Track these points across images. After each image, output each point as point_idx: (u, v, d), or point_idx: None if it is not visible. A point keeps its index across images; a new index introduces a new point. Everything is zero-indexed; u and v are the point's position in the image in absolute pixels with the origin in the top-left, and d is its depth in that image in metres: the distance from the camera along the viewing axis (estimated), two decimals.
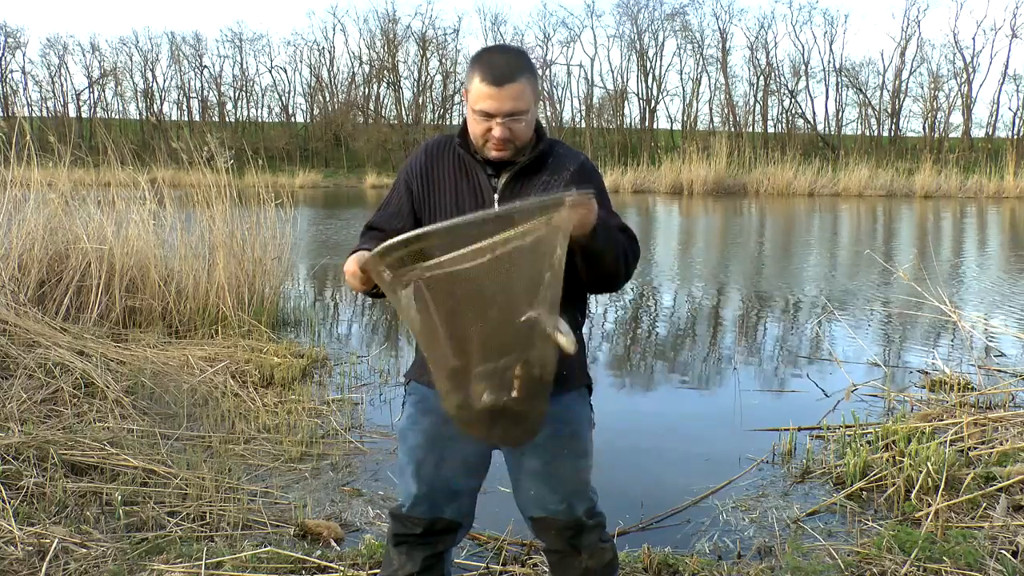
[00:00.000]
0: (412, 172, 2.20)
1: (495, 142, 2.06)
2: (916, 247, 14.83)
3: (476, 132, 2.08)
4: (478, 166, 2.14)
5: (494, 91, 2.00)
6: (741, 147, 35.33)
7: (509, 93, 2.01)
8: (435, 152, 2.20)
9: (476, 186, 2.14)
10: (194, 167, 7.65)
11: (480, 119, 2.05)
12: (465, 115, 2.14)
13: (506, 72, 2.01)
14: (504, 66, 2.01)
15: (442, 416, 2.17)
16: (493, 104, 2.01)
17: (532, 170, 2.14)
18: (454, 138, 2.18)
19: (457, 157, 2.17)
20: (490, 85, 2.00)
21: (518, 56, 2.07)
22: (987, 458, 4.00)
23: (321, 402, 5.22)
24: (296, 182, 32.85)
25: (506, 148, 2.07)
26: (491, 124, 2.04)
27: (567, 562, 2.28)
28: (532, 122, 2.10)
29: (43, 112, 45.07)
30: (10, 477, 3.55)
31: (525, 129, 2.08)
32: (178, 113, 48.97)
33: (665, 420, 5.27)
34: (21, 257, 6.48)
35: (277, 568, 3.03)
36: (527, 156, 2.12)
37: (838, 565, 3.08)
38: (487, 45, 2.15)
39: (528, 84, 2.04)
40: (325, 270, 11.30)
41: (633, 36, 46.69)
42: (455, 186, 2.15)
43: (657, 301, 9.62)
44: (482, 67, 2.02)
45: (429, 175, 2.18)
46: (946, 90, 44.07)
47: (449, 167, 2.17)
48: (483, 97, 2.02)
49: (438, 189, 2.16)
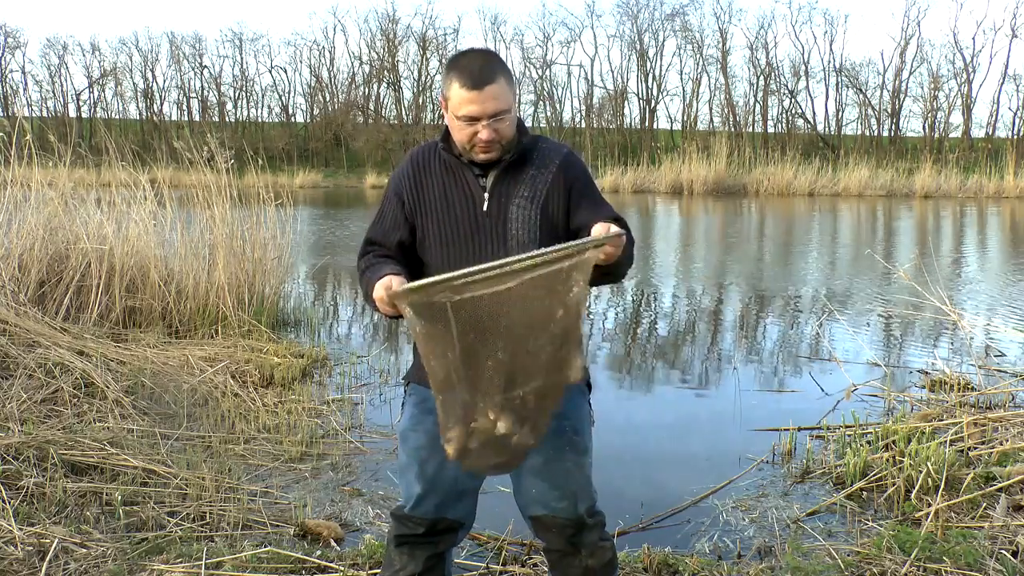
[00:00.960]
0: (401, 183, 2.22)
1: (482, 145, 2.08)
2: (916, 247, 14.83)
3: (461, 138, 2.09)
4: (465, 167, 2.16)
5: (475, 95, 2.02)
6: (741, 147, 35.31)
7: (490, 94, 2.02)
8: (421, 160, 2.22)
9: (465, 187, 2.15)
10: (194, 167, 7.66)
11: (464, 124, 2.06)
12: (446, 121, 2.15)
13: (484, 74, 2.02)
14: (480, 69, 2.03)
15: None
16: (476, 108, 2.03)
17: (518, 166, 2.16)
18: (438, 143, 2.20)
19: (443, 161, 2.18)
20: (470, 89, 2.02)
21: (491, 57, 2.09)
22: (987, 458, 4.00)
23: (321, 402, 5.22)
24: (296, 182, 32.89)
25: (493, 149, 2.09)
26: (476, 128, 2.05)
27: (567, 561, 2.28)
28: (514, 120, 2.12)
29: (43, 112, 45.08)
30: (10, 477, 3.55)
31: (509, 128, 2.10)
32: (178, 113, 48.99)
33: (665, 420, 5.27)
34: (21, 257, 6.48)
35: (277, 568, 3.03)
36: (512, 153, 2.14)
37: (838, 565, 3.07)
38: (460, 51, 2.15)
39: (506, 82, 2.06)
40: (325, 270, 11.31)
41: (633, 36, 46.68)
42: (444, 190, 2.16)
43: (657, 301, 9.62)
44: (459, 73, 2.03)
45: (418, 183, 2.19)
46: (946, 90, 44.06)
47: (436, 172, 2.18)
48: (465, 102, 2.03)
49: (428, 195, 2.18)
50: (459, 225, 2.14)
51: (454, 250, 2.13)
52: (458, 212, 2.14)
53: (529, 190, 2.14)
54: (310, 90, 49.79)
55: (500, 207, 2.13)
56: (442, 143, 2.18)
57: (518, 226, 2.12)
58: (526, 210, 2.12)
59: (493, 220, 2.13)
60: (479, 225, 2.13)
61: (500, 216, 2.12)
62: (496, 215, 2.13)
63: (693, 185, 31.88)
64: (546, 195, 2.14)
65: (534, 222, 2.12)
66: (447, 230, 2.14)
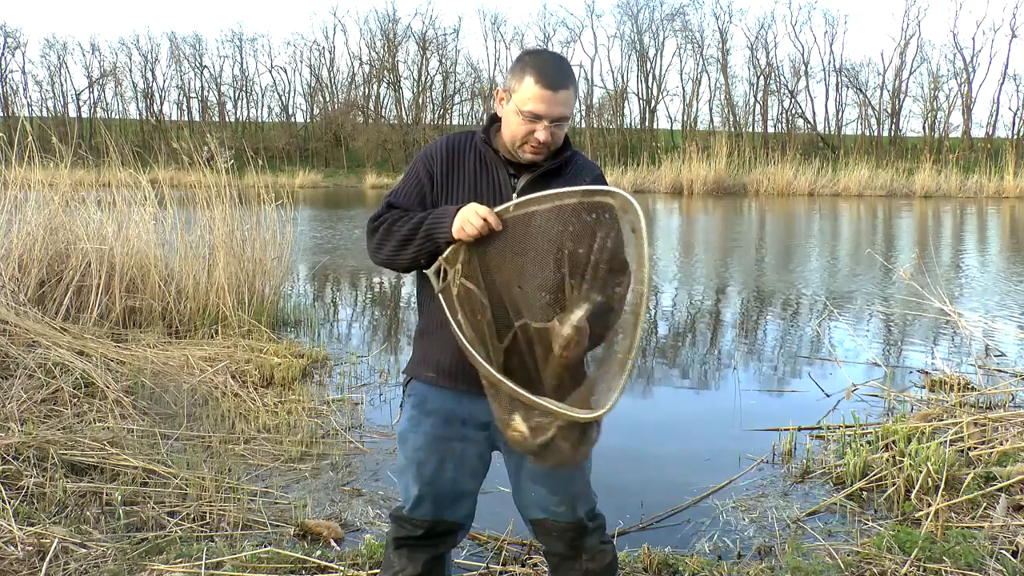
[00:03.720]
0: (433, 159, 2.17)
1: (535, 145, 2.06)
2: (916, 247, 14.82)
3: (517, 133, 2.07)
4: (500, 163, 2.14)
5: (548, 94, 2.01)
6: (741, 147, 35.32)
7: (562, 98, 2.03)
8: (456, 145, 2.19)
9: (496, 183, 2.13)
10: (194, 167, 7.66)
11: (526, 120, 2.04)
12: (496, 113, 2.14)
13: (561, 78, 2.02)
14: (559, 71, 2.03)
15: (443, 417, 2.18)
16: (544, 107, 2.02)
17: (552, 175, 2.13)
18: (477, 133, 2.17)
19: (478, 153, 2.15)
20: (545, 88, 2.01)
21: (567, 63, 2.10)
22: (987, 458, 4.00)
23: (321, 402, 5.22)
24: (296, 182, 32.88)
25: (542, 152, 2.08)
26: (537, 126, 2.04)
27: (567, 564, 2.28)
28: (567, 129, 2.13)
29: (43, 112, 45.10)
30: (10, 477, 3.55)
31: (562, 135, 2.10)
32: (178, 113, 49.06)
33: (665, 420, 5.27)
34: (21, 257, 6.48)
35: (277, 568, 3.03)
36: (552, 161, 2.13)
37: (838, 565, 3.07)
38: (534, 47, 2.19)
39: (575, 92, 2.08)
40: (325, 270, 11.30)
41: (633, 36, 46.74)
42: (475, 181, 2.13)
43: (657, 301, 9.61)
44: (537, 69, 2.02)
45: (450, 165, 2.16)
46: (946, 90, 44.12)
47: (470, 161, 2.15)
48: (536, 99, 2.01)
49: (457, 181, 2.14)
50: None
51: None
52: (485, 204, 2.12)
53: None
54: (310, 90, 49.88)
55: None
56: (483, 134, 2.16)
57: None
58: None
59: None
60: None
61: None
62: None
63: (693, 185, 31.90)
64: None
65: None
66: None
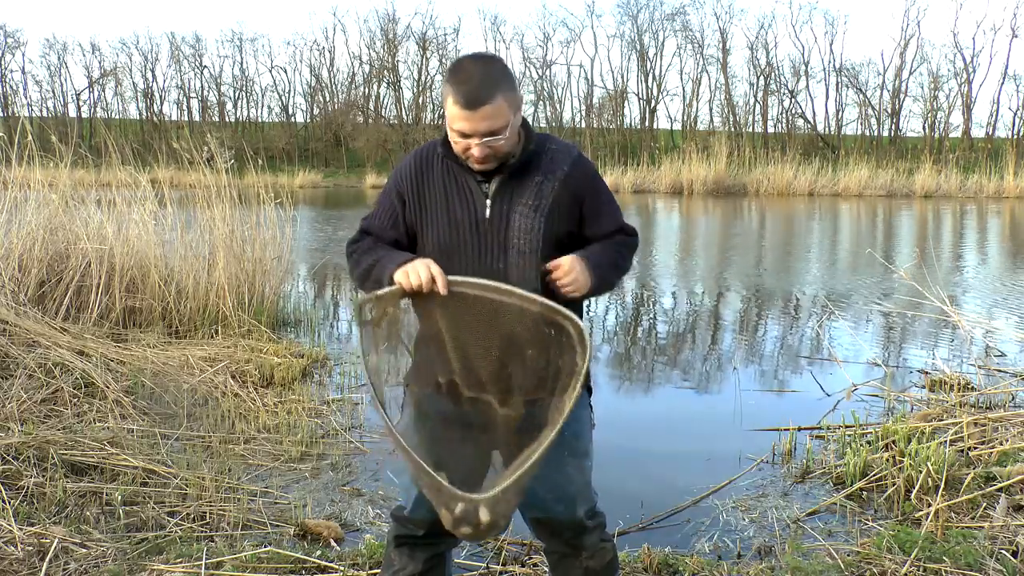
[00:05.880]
0: (402, 182, 2.16)
1: (475, 159, 2.03)
2: (916, 247, 14.82)
3: (457, 149, 2.05)
4: (467, 173, 2.10)
5: (468, 113, 1.95)
6: (741, 147, 35.32)
7: (483, 115, 1.95)
8: (424, 159, 2.16)
9: (467, 193, 2.10)
10: (194, 167, 7.65)
11: (458, 138, 2.01)
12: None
13: (479, 93, 1.94)
14: (477, 86, 1.94)
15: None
16: (469, 126, 1.97)
17: (523, 172, 2.10)
18: (437, 145, 2.14)
19: (445, 165, 2.13)
20: (463, 108, 1.95)
21: (490, 70, 1.99)
22: (987, 458, 4.00)
23: (321, 402, 5.22)
24: (296, 182, 32.87)
25: (487, 162, 2.04)
26: (469, 143, 2.00)
27: (567, 562, 2.28)
28: (514, 132, 2.05)
29: (43, 112, 45.09)
30: (10, 477, 3.55)
31: (506, 143, 2.03)
32: (178, 113, 49.01)
33: (665, 420, 5.27)
34: (21, 257, 6.48)
35: (277, 568, 3.03)
36: (516, 159, 2.09)
37: (838, 565, 3.07)
38: (456, 61, 2.06)
39: (504, 99, 1.97)
40: (325, 270, 11.30)
41: (633, 36, 46.69)
42: (445, 194, 2.11)
43: (657, 301, 9.62)
44: (455, 88, 1.96)
45: (419, 183, 2.14)
46: (946, 90, 44.05)
47: (439, 175, 2.13)
48: (458, 119, 1.97)
49: (429, 196, 2.13)
50: (459, 232, 2.09)
51: (454, 257, 2.08)
52: (459, 218, 2.09)
53: (534, 198, 2.08)
54: (310, 90, 49.84)
55: (502, 215, 2.08)
56: (442, 147, 2.11)
57: (519, 235, 2.07)
58: (529, 219, 2.07)
59: (495, 228, 2.08)
60: (480, 232, 2.08)
61: (502, 224, 2.07)
62: (498, 223, 2.08)
63: (693, 185, 31.88)
64: (551, 204, 2.09)
65: (536, 231, 2.07)
66: (447, 236, 2.10)
